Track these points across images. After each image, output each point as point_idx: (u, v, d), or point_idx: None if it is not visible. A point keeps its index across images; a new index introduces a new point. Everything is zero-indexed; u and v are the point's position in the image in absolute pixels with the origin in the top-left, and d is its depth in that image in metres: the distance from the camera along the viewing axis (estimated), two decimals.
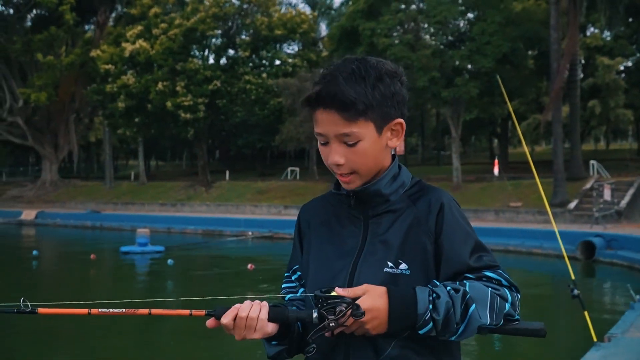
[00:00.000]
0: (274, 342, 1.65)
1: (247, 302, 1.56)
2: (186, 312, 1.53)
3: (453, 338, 1.56)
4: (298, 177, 40.50)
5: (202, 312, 1.55)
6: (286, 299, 1.78)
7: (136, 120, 39.30)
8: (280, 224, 26.01)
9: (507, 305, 1.58)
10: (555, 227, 7.28)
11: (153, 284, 15.57)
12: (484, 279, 1.60)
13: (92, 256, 19.84)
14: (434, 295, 1.53)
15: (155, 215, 33.98)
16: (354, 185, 1.65)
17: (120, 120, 39.59)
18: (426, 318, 1.52)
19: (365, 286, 1.55)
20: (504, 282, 1.61)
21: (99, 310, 1.53)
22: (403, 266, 1.60)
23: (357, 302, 1.52)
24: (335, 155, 1.61)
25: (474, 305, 1.53)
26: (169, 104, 37.13)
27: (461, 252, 1.60)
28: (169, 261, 18.32)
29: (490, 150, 49.42)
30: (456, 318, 1.53)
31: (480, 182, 31.25)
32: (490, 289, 1.57)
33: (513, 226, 23.42)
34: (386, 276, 1.59)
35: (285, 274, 1.82)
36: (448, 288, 1.55)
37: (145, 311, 1.53)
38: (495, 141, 48.67)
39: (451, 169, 32.91)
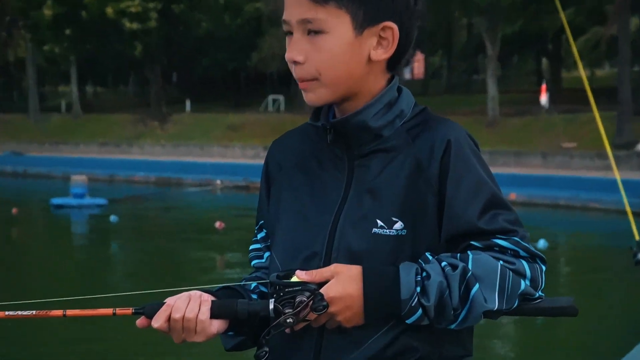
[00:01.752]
0: (230, 333, 1.68)
1: (183, 298, 1.58)
2: (109, 311, 1.57)
3: (453, 326, 1.58)
4: (282, 107, 40.52)
5: (129, 311, 1.59)
6: (249, 271, 1.82)
7: (67, 32, 39.03)
8: (258, 170, 24.69)
9: (524, 283, 1.58)
10: (617, 176, 7.44)
11: (92, 249, 15.72)
12: (495, 248, 1.59)
13: (13, 210, 20.14)
14: (423, 274, 1.55)
15: (95, 158, 33.99)
16: (315, 98, 1.65)
17: (47, 33, 39.31)
18: (412, 304, 1.54)
19: (334, 266, 1.58)
20: (521, 252, 1.60)
21: (5, 313, 1.60)
22: (398, 225, 1.61)
23: (323, 288, 1.55)
24: (293, 49, 1.62)
25: (477, 286, 1.54)
26: (109, 10, 36.83)
27: (468, 207, 1.60)
28: (113, 218, 18.52)
29: (537, 75, 49.14)
30: (453, 303, 1.54)
31: (523, 117, 31.34)
32: (500, 262, 1.57)
33: (564, 174, 23.76)
34: (376, 240, 1.61)
35: (253, 239, 1.84)
36: (443, 264, 1.56)
37: (59, 312, 1.59)
38: (544, 62, 48.48)
39: (485, 99, 32.93)
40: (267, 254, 1.78)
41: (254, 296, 1.72)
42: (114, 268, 13.61)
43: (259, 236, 1.81)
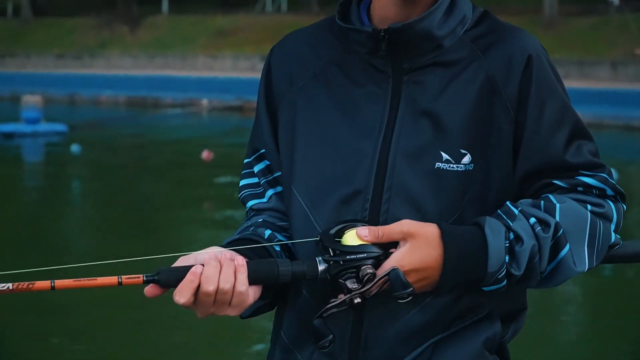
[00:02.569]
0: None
1: (212, 264, 1.56)
2: (113, 280, 1.55)
3: (531, 285, 1.67)
4: (284, 7, 40.09)
5: (139, 279, 1.57)
6: (246, 221, 1.83)
7: None
8: (254, 85, 24.48)
9: (613, 235, 1.69)
10: None
11: (49, 190, 15.48)
12: (580, 188, 1.68)
13: None
14: (512, 236, 1.62)
15: (50, 73, 33.81)
16: (410, 10, 1.68)
17: None
18: (499, 276, 1.61)
19: (406, 225, 1.61)
20: (608, 191, 1.69)
21: None
22: (466, 159, 1.66)
23: (395, 258, 1.58)
24: None
25: (567, 247, 1.63)
26: None
27: (554, 137, 1.67)
28: (74, 148, 18.50)
29: None
30: (541, 267, 1.62)
31: (589, 17, 31.06)
32: (589, 212, 1.66)
33: (639, 87, 23.68)
34: (440, 177, 1.66)
35: (245, 161, 1.87)
36: (532, 220, 1.62)
37: (45, 284, 1.55)
38: None
39: None
40: (270, 192, 1.82)
41: (256, 233, 1.74)
42: (76, 215, 13.45)
43: (255, 168, 1.83)
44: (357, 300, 1.57)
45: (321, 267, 1.60)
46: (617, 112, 21.63)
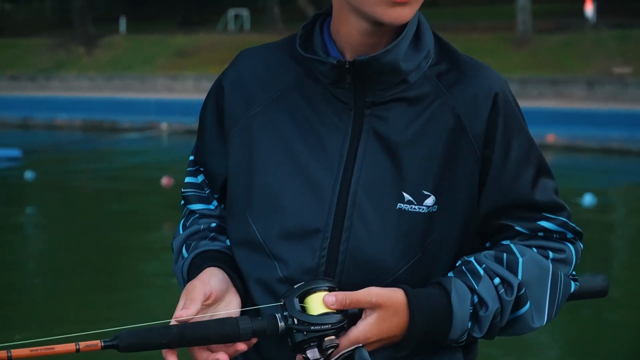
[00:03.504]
0: None
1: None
2: (70, 347, 1.59)
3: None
4: (247, 25, 40.17)
5: (97, 345, 1.61)
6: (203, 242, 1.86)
7: None
8: None
9: (572, 284, 1.78)
10: None
11: (1, 219, 15.21)
12: (541, 232, 1.75)
13: None
14: (476, 299, 1.68)
15: (3, 96, 33.50)
16: (409, 14, 1.66)
17: None
18: (461, 340, 1.70)
19: (374, 295, 1.64)
20: (568, 234, 1.78)
21: None
22: (429, 200, 1.69)
23: (361, 331, 1.64)
24: None
25: (527, 306, 1.71)
26: None
27: (522, 176, 1.73)
28: (28, 174, 18.46)
29: None
30: (501, 324, 1.71)
31: (563, 33, 31.15)
32: (551, 262, 1.74)
33: (616, 107, 23.70)
34: (401, 218, 1.69)
35: (191, 158, 1.92)
36: (496, 281, 1.69)
37: (2, 354, 1.56)
38: None
39: (513, 10, 32.62)
40: (215, 203, 1.88)
41: (220, 240, 1.83)
42: (30, 248, 13.15)
43: (199, 177, 1.89)
44: None
45: (281, 324, 1.63)
46: (593, 133, 21.51)
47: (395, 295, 1.64)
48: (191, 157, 1.91)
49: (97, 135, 26.68)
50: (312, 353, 1.60)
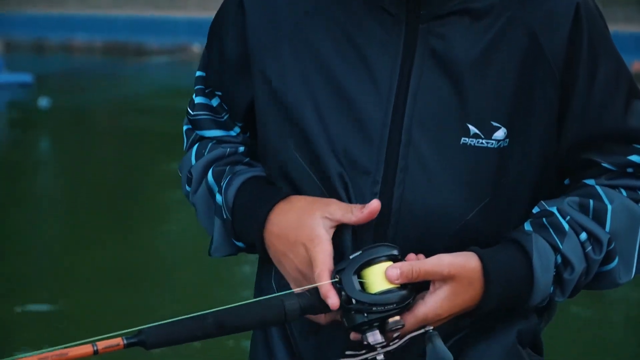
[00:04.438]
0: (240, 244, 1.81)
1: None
2: (86, 349, 1.55)
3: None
4: None
5: (118, 343, 1.58)
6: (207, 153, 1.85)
7: None
8: None
9: None
10: None
11: (12, 151, 15.05)
12: (630, 169, 1.70)
13: None
14: (559, 260, 1.63)
15: (13, 14, 33.34)
16: None
17: None
18: (541, 306, 1.69)
19: (446, 266, 1.60)
20: None
21: None
22: (500, 133, 1.65)
23: (432, 305, 1.60)
24: None
25: (615, 261, 1.68)
26: None
27: (613, 102, 1.69)
28: (42, 101, 18.12)
29: None
30: (585, 282, 1.68)
31: None
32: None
33: None
34: (466, 155, 1.65)
35: (199, 74, 1.89)
36: (582, 237, 1.64)
37: None
38: None
39: None
40: (237, 129, 1.85)
41: (258, 167, 1.82)
42: (44, 181, 13.06)
43: (214, 101, 1.86)
44: (380, 357, 1.59)
45: (334, 302, 1.61)
46: None
47: (469, 263, 1.62)
48: (201, 73, 1.88)
49: (119, 59, 27.08)
50: (374, 336, 1.59)
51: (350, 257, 1.61)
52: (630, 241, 1.70)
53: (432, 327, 1.61)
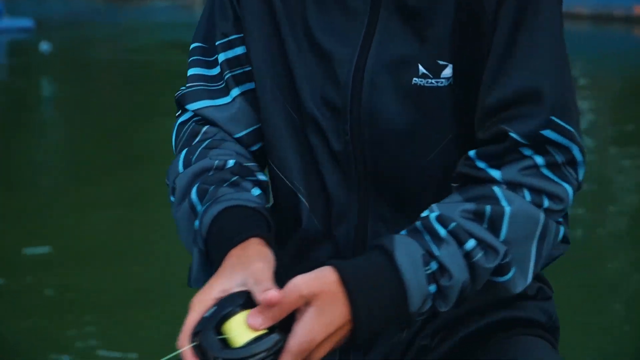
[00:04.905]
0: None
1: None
2: None
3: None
4: None
5: None
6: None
7: None
8: None
9: (561, 230, 1.68)
10: None
11: (13, 98, 14.84)
12: (539, 152, 1.62)
13: None
14: (435, 266, 1.56)
15: None
16: None
17: None
18: (422, 310, 1.59)
19: (304, 287, 1.51)
20: (577, 156, 1.65)
21: None
22: (447, 71, 1.66)
23: (302, 333, 1.52)
24: None
25: (511, 272, 1.61)
26: None
27: (529, 62, 1.63)
28: (44, 46, 18.33)
29: None
30: (473, 290, 1.61)
31: None
32: (542, 215, 1.62)
33: None
34: (418, 94, 1.67)
35: (196, 45, 1.86)
36: (469, 245, 1.57)
37: None
38: None
39: None
40: (235, 91, 1.81)
41: (256, 190, 1.73)
42: (45, 129, 12.80)
43: (221, 56, 1.81)
44: None
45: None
46: None
47: (326, 277, 1.53)
48: (197, 44, 1.83)
49: (119, 3, 27.02)
50: None
51: (204, 316, 1.53)
52: (526, 248, 1.62)
53: None
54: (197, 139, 1.78)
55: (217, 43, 1.81)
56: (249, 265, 1.54)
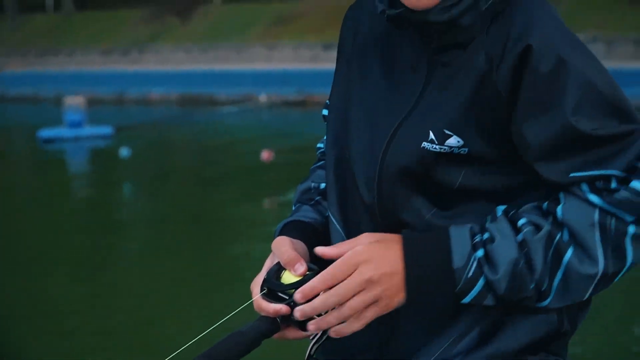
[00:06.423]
0: None
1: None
2: None
3: (544, 304, 1.63)
4: None
5: None
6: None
7: None
8: (316, 77, 24.84)
9: (632, 227, 1.59)
10: None
11: (96, 198, 15.42)
12: (599, 181, 1.59)
13: None
14: (482, 236, 1.62)
15: (96, 71, 33.95)
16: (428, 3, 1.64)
17: None
18: (469, 275, 1.60)
19: (364, 237, 1.66)
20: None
21: None
22: (452, 141, 1.65)
23: (356, 273, 1.61)
24: None
25: (570, 250, 1.59)
26: None
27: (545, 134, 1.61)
28: (124, 151, 18.62)
29: None
30: (535, 274, 1.59)
31: None
32: (597, 211, 1.59)
33: None
34: (424, 157, 1.67)
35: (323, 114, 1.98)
36: (521, 221, 1.61)
37: None
38: None
39: None
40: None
41: (319, 211, 1.95)
42: (128, 224, 13.26)
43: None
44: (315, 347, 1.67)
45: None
46: None
47: (389, 235, 1.66)
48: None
49: (193, 109, 26.87)
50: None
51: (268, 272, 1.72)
52: (586, 237, 1.58)
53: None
54: (317, 159, 2.05)
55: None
56: (276, 251, 1.74)
